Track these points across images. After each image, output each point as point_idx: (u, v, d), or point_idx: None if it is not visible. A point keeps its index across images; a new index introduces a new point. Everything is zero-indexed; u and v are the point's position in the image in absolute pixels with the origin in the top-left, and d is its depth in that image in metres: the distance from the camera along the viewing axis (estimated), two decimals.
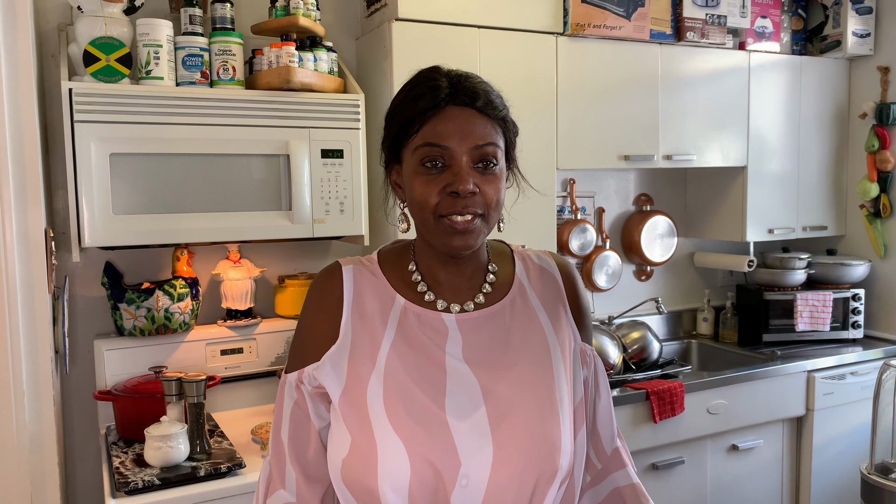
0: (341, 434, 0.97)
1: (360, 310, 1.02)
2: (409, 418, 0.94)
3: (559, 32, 2.50)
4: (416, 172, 0.97)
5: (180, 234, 1.97)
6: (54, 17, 2.13)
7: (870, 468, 1.19)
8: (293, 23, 2.11)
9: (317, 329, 1.03)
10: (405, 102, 0.99)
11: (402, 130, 0.99)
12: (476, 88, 0.98)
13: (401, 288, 1.04)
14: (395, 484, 0.92)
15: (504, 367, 1.00)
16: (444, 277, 1.05)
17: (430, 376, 0.98)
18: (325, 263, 2.53)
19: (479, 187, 0.96)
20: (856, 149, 3.21)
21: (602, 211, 3.09)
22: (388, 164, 1.05)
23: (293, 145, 2.06)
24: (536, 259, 1.12)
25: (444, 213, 0.96)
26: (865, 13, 3.08)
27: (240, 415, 2.27)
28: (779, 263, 3.13)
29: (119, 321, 2.13)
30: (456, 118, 0.96)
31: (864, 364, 2.93)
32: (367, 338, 1.00)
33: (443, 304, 1.03)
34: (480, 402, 0.97)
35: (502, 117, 1.00)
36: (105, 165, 1.86)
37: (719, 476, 2.72)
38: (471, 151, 0.96)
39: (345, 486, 0.96)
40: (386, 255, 1.09)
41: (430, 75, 1.00)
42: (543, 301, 1.08)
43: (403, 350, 0.99)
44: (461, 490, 0.92)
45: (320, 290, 1.05)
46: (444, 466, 0.92)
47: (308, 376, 1.01)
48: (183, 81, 2.00)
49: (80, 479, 2.25)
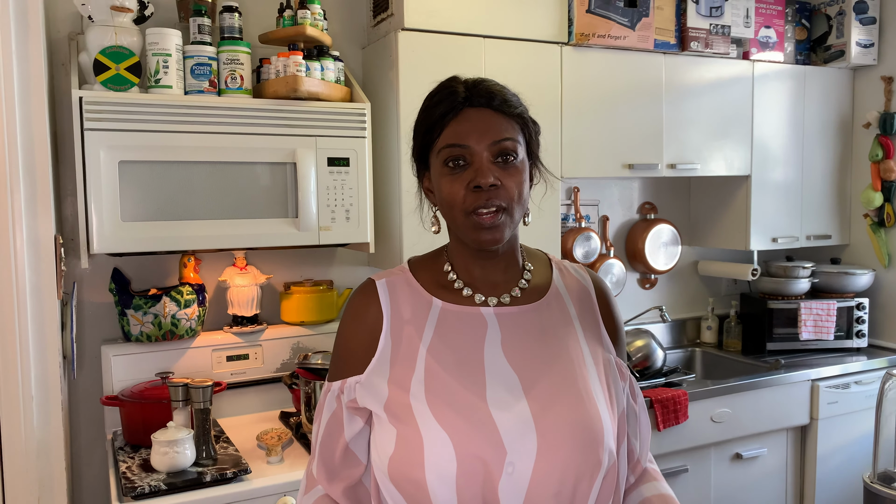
0: (386, 434, 1.00)
1: (399, 319, 1.06)
2: (453, 411, 0.97)
3: (564, 42, 2.52)
4: (441, 173, 1.02)
5: (187, 241, 1.98)
6: (65, 27, 2.16)
7: (872, 477, 1.19)
8: (300, 32, 2.13)
9: (356, 342, 1.07)
10: (427, 111, 1.05)
11: (427, 137, 1.05)
12: (491, 89, 1.04)
13: (436, 290, 1.08)
14: (441, 475, 0.94)
15: (542, 363, 1.03)
16: (479, 273, 1.08)
17: (470, 371, 1.01)
18: (331, 271, 2.55)
19: (501, 181, 1.00)
20: (859, 158, 3.22)
21: (606, 219, 3.10)
22: (419, 173, 1.11)
23: (300, 153, 2.08)
24: (574, 272, 1.15)
25: (471, 209, 1.00)
26: (869, 23, 3.09)
27: (245, 421, 2.28)
28: (783, 272, 3.13)
29: (126, 327, 2.14)
30: (473, 118, 1.01)
31: (868, 373, 2.93)
32: (406, 344, 1.04)
33: (480, 298, 1.06)
34: (521, 396, 0.99)
35: (519, 114, 1.04)
36: (114, 173, 1.88)
37: (723, 485, 2.72)
38: (490, 147, 1.00)
39: (391, 484, 0.99)
40: (417, 263, 1.14)
41: (448, 84, 1.05)
42: (580, 313, 1.10)
43: (441, 349, 1.02)
44: (508, 477, 0.94)
45: (358, 306, 1.09)
46: (490, 457, 0.95)
47: (349, 388, 1.06)
48: (191, 90, 2.02)
49: (87, 483, 2.26)
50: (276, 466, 1.89)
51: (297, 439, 2.08)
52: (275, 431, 2.08)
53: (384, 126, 2.35)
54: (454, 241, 1.10)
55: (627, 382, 1.12)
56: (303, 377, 1.99)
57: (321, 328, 2.42)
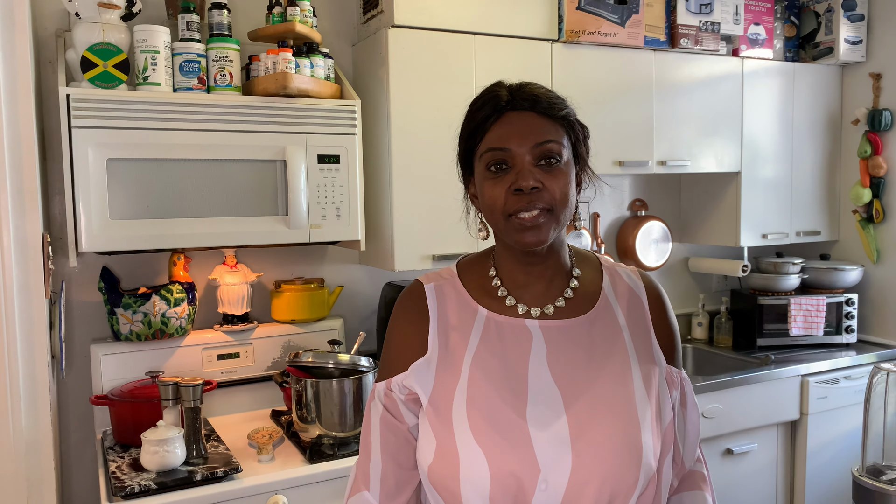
0: (428, 441, 1.01)
1: (445, 324, 1.06)
2: (491, 428, 0.98)
3: (554, 39, 2.52)
4: (484, 178, 1.02)
5: (177, 239, 1.97)
6: (52, 24, 2.14)
7: (861, 470, 1.20)
8: (290, 29, 2.12)
9: (404, 343, 1.07)
10: (470, 115, 1.05)
11: (469, 141, 1.05)
12: (535, 92, 1.03)
13: (482, 298, 1.08)
14: (476, 489, 0.96)
15: (587, 379, 1.02)
16: (523, 280, 1.07)
17: (513, 386, 1.01)
18: (322, 268, 2.55)
19: (544, 183, 0.99)
20: (848, 155, 3.24)
21: (597, 216, 3.11)
22: (465, 179, 1.10)
23: (290, 151, 2.07)
24: (625, 277, 1.12)
25: (512, 212, 0.99)
26: (857, 20, 3.11)
27: (236, 419, 2.27)
28: (773, 268, 3.15)
29: (116, 326, 2.13)
30: (515, 122, 1.01)
31: (857, 368, 2.95)
32: (452, 350, 1.04)
33: (523, 308, 1.06)
34: (562, 412, 0.99)
35: (563, 116, 1.04)
36: (102, 171, 1.87)
37: (714, 480, 2.70)
38: (532, 150, 0.99)
39: (432, 487, 1.01)
40: (465, 266, 1.13)
41: (491, 89, 1.05)
42: (629, 321, 1.08)
43: (486, 360, 1.02)
44: (541, 493, 0.95)
45: (406, 309, 1.10)
46: (525, 475, 0.95)
47: (398, 385, 1.05)
48: (180, 87, 2.01)
49: (77, 483, 2.25)
50: (267, 465, 1.89)
51: (288, 438, 2.08)
52: (266, 430, 2.07)
53: (375, 123, 2.34)
54: (500, 246, 1.09)
55: (679, 390, 1.09)
56: (294, 375, 1.98)
57: (312, 326, 2.42)
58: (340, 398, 1.94)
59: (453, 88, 2.31)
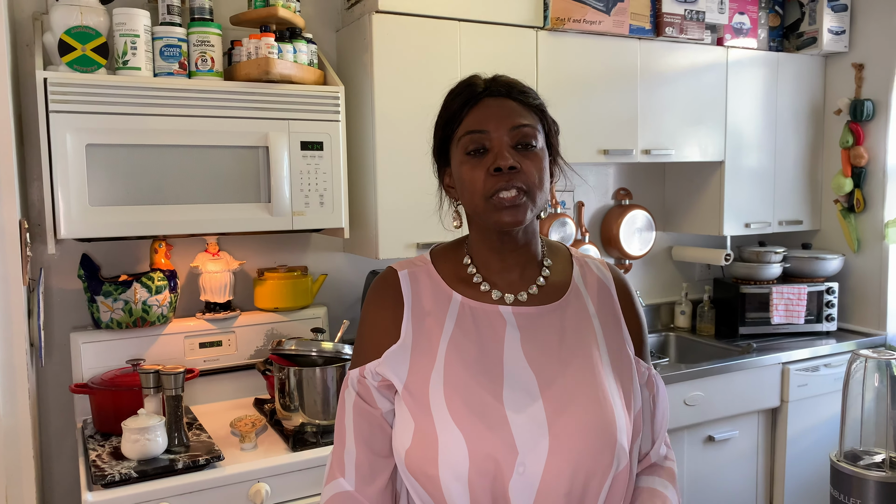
0: (405, 425, 1.01)
1: (420, 310, 1.07)
2: (469, 411, 0.98)
3: (539, 27, 2.51)
4: (462, 162, 1.04)
5: (158, 226, 1.95)
6: (29, 6, 2.10)
7: (839, 456, 1.21)
8: (272, 14, 2.10)
9: (377, 330, 1.08)
10: (446, 104, 1.07)
11: (446, 129, 1.07)
12: (510, 82, 1.07)
13: (456, 284, 1.09)
14: (455, 473, 0.96)
15: (559, 363, 1.03)
16: (498, 266, 1.09)
17: (489, 369, 1.02)
18: (305, 256, 2.53)
19: (520, 165, 1.01)
20: (830, 144, 3.26)
21: (581, 205, 3.11)
22: (439, 170, 1.12)
23: (272, 137, 2.05)
24: (595, 269, 1.15)
25: (491, 192, 1.01)
26: (841, 10, 3.12)
27: (219, 408, 2.26)
28: (755, 257, 3.17)
29: (96, 314, 2.11)
30: (492, 105, 1.04)
31: (836, 356, 2.98)
32: (427, 335, 1.05)
33: (497, 294, 1.07)
34: (537, 396, 1.00)
35: (537, 105, 1.07)
36: (81, 156, 1.84)
37: (696, 467, 2.76)
38: (509, 133, 1.02)
39: (409, 472, 1.01)
40: (438, 254, 1.14)
41: (467, 79, 1.08)
42: (599, 310, 1.10)
43: (462, 344, 1.03)
44: (518, 477, 0.96)
45: (380, 296, 1.10)
46: (503, 457, 0.96)
47: (370, 372, 1.06)
48: (161, 72, 1.98)
49: (57, 472, 2.23)
50: (249, 453, 1.88)
51: (271, 426, 2.07)
52: (248, 418, 2.06)
53: (359, 110, 2.33)
54: (474, 233, 1.11)
55: (645, 380, 1.11)
56: (276, 363, 1.98)
57: (295, 314, 2.40)
58: (323, 386, 1.94)
59: (438, 75, 2.30)
